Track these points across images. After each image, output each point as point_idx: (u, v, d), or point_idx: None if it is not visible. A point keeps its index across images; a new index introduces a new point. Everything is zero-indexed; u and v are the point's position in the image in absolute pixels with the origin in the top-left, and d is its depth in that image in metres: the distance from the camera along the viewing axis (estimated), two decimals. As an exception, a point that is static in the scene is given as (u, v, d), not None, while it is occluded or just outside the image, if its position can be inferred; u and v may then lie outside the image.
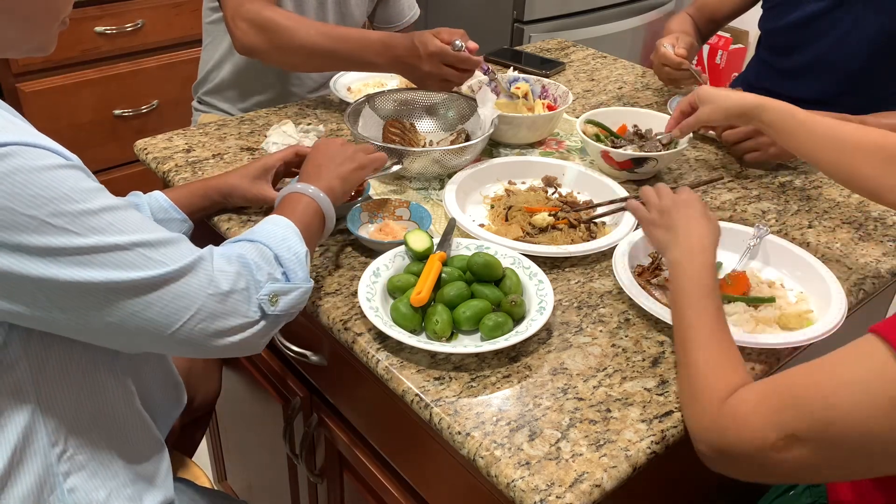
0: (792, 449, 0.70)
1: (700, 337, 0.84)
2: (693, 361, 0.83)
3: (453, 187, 1.22)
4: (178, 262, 0.77)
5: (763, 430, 0.72)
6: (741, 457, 0.75)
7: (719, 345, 0.83)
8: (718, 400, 0.77)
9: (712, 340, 0.84)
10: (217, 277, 0.80)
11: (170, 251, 0.77)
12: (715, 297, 0.88)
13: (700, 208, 0.98)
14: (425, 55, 1.32)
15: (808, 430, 0.69)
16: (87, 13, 2.24)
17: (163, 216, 1.10)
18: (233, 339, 0.82)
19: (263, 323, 0.84)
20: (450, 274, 0.99)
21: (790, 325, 0.99)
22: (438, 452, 0.91)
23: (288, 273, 0.87)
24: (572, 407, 0.86)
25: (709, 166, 1.42)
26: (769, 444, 0.71)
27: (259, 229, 0.91)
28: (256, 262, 0.85)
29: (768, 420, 0.71)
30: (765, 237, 1.13)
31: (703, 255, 0.91)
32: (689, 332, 0.85)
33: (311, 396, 1.20)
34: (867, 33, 1.55)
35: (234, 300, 0.81)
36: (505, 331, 0.93)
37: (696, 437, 0.80)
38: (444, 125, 1.46)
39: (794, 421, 0.70)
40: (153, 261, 0.75)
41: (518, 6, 2.65)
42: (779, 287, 1.08)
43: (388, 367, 0.91)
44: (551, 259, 1.10)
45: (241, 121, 1.50)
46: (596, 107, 1.60)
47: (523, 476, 0.77)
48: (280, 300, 0.85)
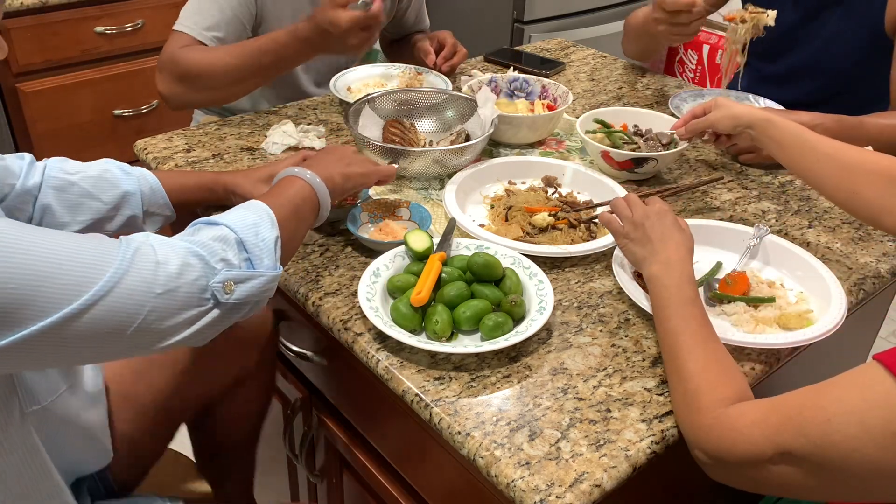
0: (786, 465, 0.71)
1: (689, 344, 0.84)
2: (685, 370, 0.83)
3: (453, 187, 1.22)
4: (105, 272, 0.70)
5: (761, 444, 0.72)
6: (736, 466, 0.75)
7: (709, 351, 0.84)
8: (713, 408, 0.77)
9: (701, 347, 0.84)
10: (159, 273, 0.73)
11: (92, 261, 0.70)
12: (698, 304, 0.88)
13: (672, 219, 0.98)
14: (342, 32, 1.30)
15: (806, 451, 0.69)
16: (87, 13, 2.23)
17: (150, 200, 1.09)
18: (181, 335, 0.77)
19: (217, 312, 0.79)
20: (450, 274, 0.99)
21: (790, 325, 0.99)
22: (438, 452, 0.91)
23: (252, 259, 0.82)
24: (572, 407, 0.86)
25: (709, 166, 1.42)
26: (766, 457, 0.72)
27: (230, 212, 0.86)
28: (210, 248, 0.79)
29: (768, 435, 0.72)
30: (765, 237, 1.13)
31: (680, 265, 0.92)
32: (678, 341, 0.85)
33: (311, 396, 1.20)
34: (850, 38, 1.56)
35: (183, 293, 0.75)
36: (505, 331, 0.93)
37: (692, 443, 0.80)
38: (444, 125, 1.46)
39: (791, 440, 0.70)
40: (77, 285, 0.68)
41: (518, 6, 2.65)
42: (779, 287, 1.08)
43: (388, 367, 0.91)
44: (551, 259, 1.10)
45: (241, 121, 1.50)
46: (596, 107, 1.60)
47: (523, 476, 0.77)
48: (236, 288, 0.79)
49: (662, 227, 0.96)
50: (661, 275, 0.92)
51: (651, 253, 0.95)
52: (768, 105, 1.56)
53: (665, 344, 0.87)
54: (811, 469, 0.70)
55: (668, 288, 0.90)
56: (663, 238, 0.95)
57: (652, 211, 0.99)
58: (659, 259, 0.93)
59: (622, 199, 1.04)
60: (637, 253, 0.98)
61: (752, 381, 0.92)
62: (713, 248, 1.14)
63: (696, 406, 0.79)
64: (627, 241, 1.00)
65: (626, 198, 1.04)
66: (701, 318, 0.87)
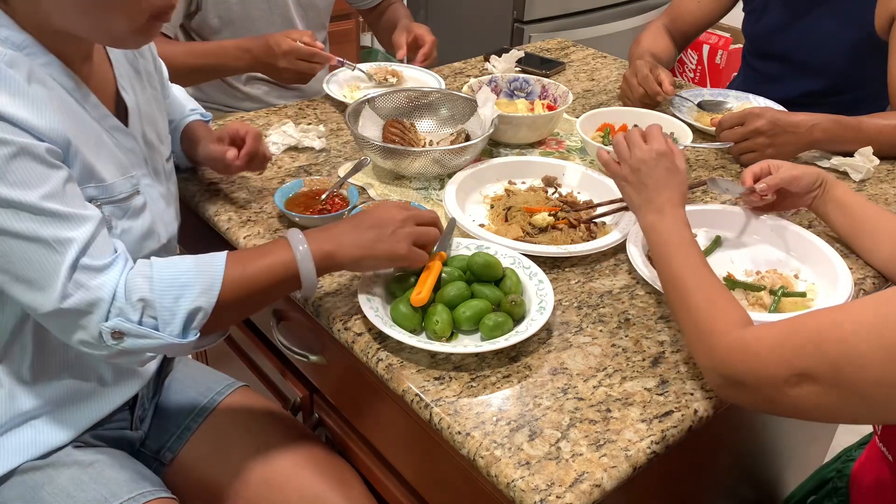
0: (803, 386, 0.71)
1: (693, 280, 0.87)
2: (692, 304, 0.85)
3: (453, 187, 1.22)
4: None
5: (779, 366, 0.73)
6: (752, 388, 0.76)
7: (712, 284, 0.87)
8: (729, 330, 0.79)
9: (706, 281, 0.87)
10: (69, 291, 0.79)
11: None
12: (695, 245, 0.92)
13: (668, 163, 1.00)
14: (280, 54, 1.46)
15: (821, 370, 0.70)
16: None
17: None
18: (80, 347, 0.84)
19: (106, 352, 0.83)
20: (450, 274, 0.99)
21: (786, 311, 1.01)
22: (438, 452, 0.91)
23: (158, 323, 0.83)
24: (572, 407, 0.86)
25: (709, 166, 1.42)
26: (782, 379, 0.72)
27: (173, 265, 0.85)
28: (123, 294, 0.82)
29: (786, 357, 0.72)
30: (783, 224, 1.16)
31: (673, 211, 0.96)
32: (681, 279, 0.88)
33: (311, 396, 1.20)
34: (841, 37, 1.56)
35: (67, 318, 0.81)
36: (505, 331, 0.93)
37: (707, 370, 0.82)
38: (444, 125, 1.46)
39: (810, 361, 0.71)
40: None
41: (518, 6, 2.65)
42: (791, 277, 1.11)
43: (388, 367, 0.91)
44: (551, 259, 1.10)
45: (241, 120, 1.50)
46: (596, 107, 1.60)
47: (523, 476, 0.77)
48: (127, 340, 0.82)
49: (658, 172, 0.99)
50: (656, 223, 0.96)
51: (646, 201, 0.98)
52: (768, 104, 1.56)
53: (669, 285, 0.90)
54: (829, 389, 0.70)
55: (663, 234, 0.94)
56: (658, 186, 0.98)
57: (650, 154, 1.01)
58: (653, 208, 0.97)
59: (623, 136, 1.06)
60: (632, 198, 1.02)
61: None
62: (715, 230, 1.19)
63: (710, 330, 0.81)
64: (625, 183, 1.03)
65: (627, 135, 1.05)
66: (699, 256, 0.90)
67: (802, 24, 1.61)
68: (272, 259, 0.89)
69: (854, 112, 1.41)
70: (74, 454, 1.00)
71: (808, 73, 1.64)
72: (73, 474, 0.98)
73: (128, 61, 1.02)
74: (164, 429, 1.14)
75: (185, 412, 1.15)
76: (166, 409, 1.16)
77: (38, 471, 0.98)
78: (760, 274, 1.09)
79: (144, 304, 0.82)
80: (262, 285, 0.89)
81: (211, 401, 1.16)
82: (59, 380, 0.98)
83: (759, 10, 1.70)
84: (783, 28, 1.64)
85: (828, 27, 1.57)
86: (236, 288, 0.86)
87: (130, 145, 0.97)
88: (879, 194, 1.32)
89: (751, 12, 1.73)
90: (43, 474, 0.97)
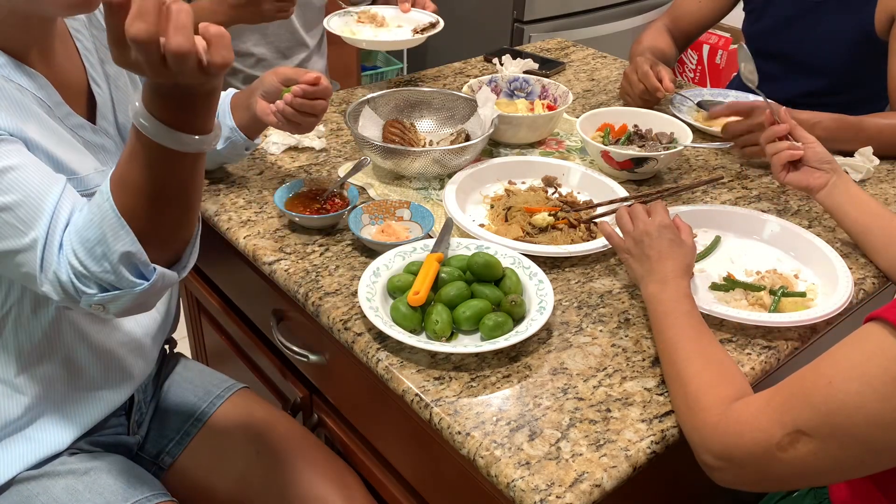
0: (798, 445, 0.69)
1: (686, 350, 0.85)
2: (684, 374, 0.83)
3: (453, 187, 1.22)
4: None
5: (769, 429, 0.71)
6: (746, 461, 0.74)
7: (707, 355, 0.84)
8: (717, 406, 0.77)
9: (699, 352, 0.84)
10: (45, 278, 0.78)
11: None
12: (695, 315, 0.89)
13: (671, 235, 0.98)
14: None
15: (813, 422, 0.68)
16: (87, 13, 2.23)
17: None
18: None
19: (111, 316, 0.82)
20: (450, 274, 0.99)
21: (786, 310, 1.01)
22: (438, 452, 0.91)
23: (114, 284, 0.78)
24: (572, 407, 0.86)
25: (709, 166, 1.42)
26: (775, 442, 0.70)
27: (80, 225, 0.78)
28: (74, 276, 0.78)
29: (774, 418, 0.71)
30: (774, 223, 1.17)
31: (675, 282, 0.93)
32: (675, 349, 0.86)
33: (311, 396, 1.20)
34: (843, 36, 1.56)
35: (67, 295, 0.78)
36: (505, 331, 0.93)
37: (698, 446, 0.79)
38: (443, 125, 1.46)
39: (798, 414, 0.69)
40: None
41: (518, 6, 2.65)
42: (791, 277, 1.10)
43: (388, 367, 0.91)
44: (551, 259, 1.10)
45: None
46: (596, 107, 1.60)
47: (523, 476, 0.77)
48: (110, 306, 0.79)
49: (661, 244, 0.97)
50: (657, 293, 0.93)
51: (648, 272, 0.96)
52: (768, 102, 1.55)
53: (664, 354, 0.88)
54: (825, 441, 0.68)
55: (663, 303, 0.91)
56: (661, 257, 0.96)
57: (653, 226, 0.99)
58: (655, 279, 0.94)
59: (626, 210, 1.04)
60: (635, 270, 0.99)
61: (756, 364, 0.92)
62: (714, 230, 1.19)
63: (698, 407, 0.79)
64: (628, 256, 1.01)
65: (630, 209, 1.04)
66: (698, 326, 0.88)
67: (802, 23, 1.61)
68: (130, 149, 0.73)
69: (854, 112, 1.41)
70: (70, 462, 1.00)
71: (808, 73, 1.65)
72: (68, 484, 0.98)
73: (99, 51, 0.99)
74: (163, 433, 1.14)
75: (184, 416, 1.15)
76: (165, 412, 1.16)
77: (33, 481, 0.97)
78: (760, 274, 1.10)
79: (89, 277, 0.77)
80: (153, 180, 0.73)
81: (210, 404, 1.16)
82: (48, 384, 0.97)
83: (759, 9, 1.70)
84: (783, 28, 1.65)
85: (828, 27, 1.58)
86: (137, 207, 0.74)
87: (100, 142, 0.95)
88: (879, 194, 1.32)
89: (751, 12, 1.74)
90: (38, 484, 0.97)
